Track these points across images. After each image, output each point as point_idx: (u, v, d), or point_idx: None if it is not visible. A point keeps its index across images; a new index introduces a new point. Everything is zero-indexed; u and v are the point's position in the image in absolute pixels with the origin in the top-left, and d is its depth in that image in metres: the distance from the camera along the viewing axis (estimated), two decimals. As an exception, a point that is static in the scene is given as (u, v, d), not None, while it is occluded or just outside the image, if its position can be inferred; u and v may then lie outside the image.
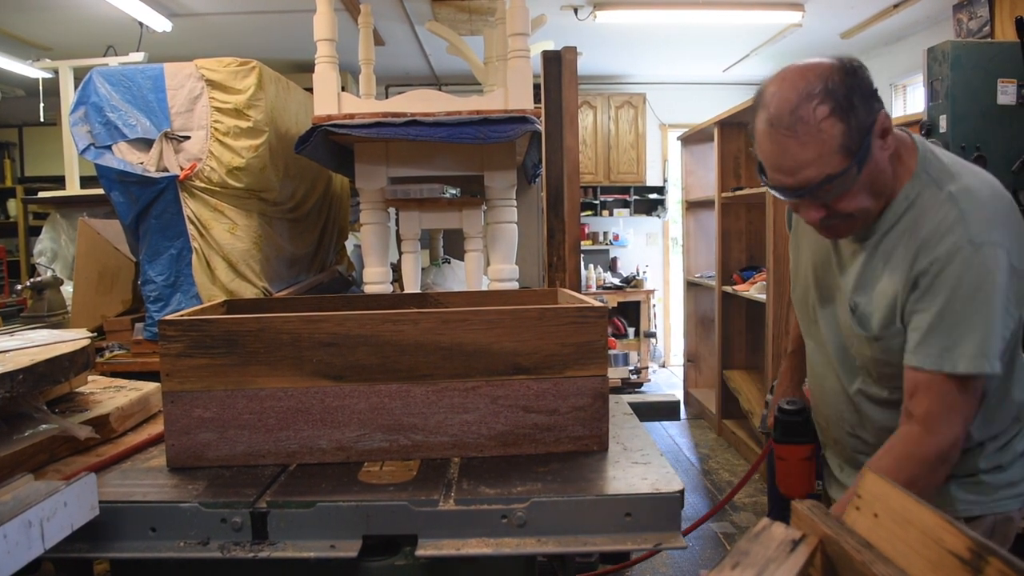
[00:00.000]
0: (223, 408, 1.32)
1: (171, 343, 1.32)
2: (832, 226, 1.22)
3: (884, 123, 1.15)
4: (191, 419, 1.32)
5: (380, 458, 1.34)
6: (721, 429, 4.73)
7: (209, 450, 1.33)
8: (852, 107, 1.11)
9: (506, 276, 2.60)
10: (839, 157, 1.12)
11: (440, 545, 1.13)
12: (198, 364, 1.32)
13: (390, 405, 1.34)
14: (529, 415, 1.36)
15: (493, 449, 1.36)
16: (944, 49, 2.62)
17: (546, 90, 1.95)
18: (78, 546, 1.12)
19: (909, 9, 4.71)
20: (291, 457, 1.34)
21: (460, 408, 1.35)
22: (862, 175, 1.14)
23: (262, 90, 2.46)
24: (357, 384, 1.33)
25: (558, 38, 4.68)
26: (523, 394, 1.35)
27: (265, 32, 5.16)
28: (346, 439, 1.34)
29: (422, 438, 1.35)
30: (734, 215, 4.77)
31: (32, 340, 1.52)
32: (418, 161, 2.56)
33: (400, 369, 1.34)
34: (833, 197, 1.16)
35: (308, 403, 1.33)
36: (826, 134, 1.11)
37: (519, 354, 1.34)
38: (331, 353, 1.32)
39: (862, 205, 1.17)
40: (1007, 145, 2.59)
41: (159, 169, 2.44)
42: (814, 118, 1.11)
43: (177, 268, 2.50)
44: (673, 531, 1.15)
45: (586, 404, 1.36)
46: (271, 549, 1.14)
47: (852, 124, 1.11)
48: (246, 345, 1.32)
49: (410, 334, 1.33)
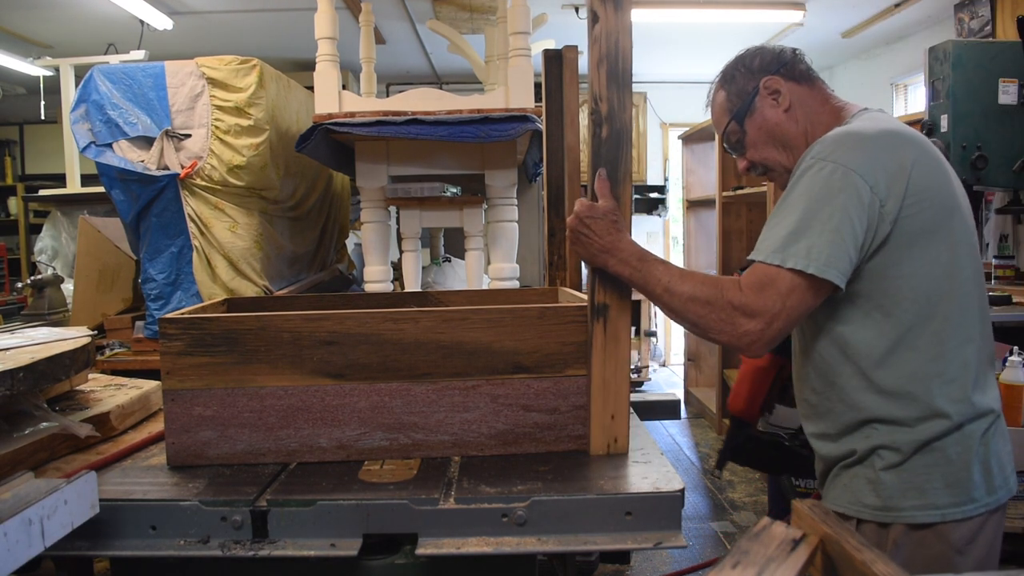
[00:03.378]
0: (223, 406, 1.32)
1: (171, 341, 1.32)
2: (764, 176, 1.44)
3: (770, 85, 1.35)
4: (191, 417, 1.32)
5: (380, 457, 1.34)
6: (721, 428, 4.73)
7: (209, 448, 1.33)
8: (733, 79, 1.39)
9: (507, 275, 2.60)
10: (725, 116, 1.41)
11: (440, 544, 1.13)
12: (198, 362, 1.32)
13: (391, 404, 1.34)
14: (530, 414, 1.36)
15: (493, 448, 1.36)
16: (945, 48, 2.62)
17: (547, 89, 1.94)
18: (78, 544, 1.12)
19: (910, 8, 4.71)
20: (291, 455, 1.34)
21: (461, 407, 1.35)
22: (751, 129, 1.37)
23: (263, 88, 2.45)
24: (358, 383, 1.33)
25: (559, 37, 4.68)
26: (523, 393, 1.35)
27: (266, 30, 5.16)
28: (346, 438, 1.34)
29: (423, 437, 1.35)
30: (735, 214, 4.76)
31: (33, 338, 1.52)
32: (419, 160, 2.56)
33: (401, 368, 1.34)
34: (742, 148, 1.41)
35: (309, 402, 1.33)
36: (716, 102, 1.44)
37: (520, 353, 1.34)
38: (332, 352, 1.32)
39: (766, 155, 1.38)
40: (1008, 145, 2.58)
41: (160, 167, 2.44)
42: (712, 92, 1.46)
43: (178, 266, 2.51)
44: (673, 530, 1.15)
45: (586, 403, 1.36)
46: (271, 548, 1.14)
47: (732, 91, 1.39)
48: (246, 343, 1.32)
49: (411, 333, 1.33)
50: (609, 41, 1.28)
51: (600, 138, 1.30)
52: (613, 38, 1.28)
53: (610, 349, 1.33)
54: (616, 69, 1.29)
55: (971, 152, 2.56)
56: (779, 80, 1.35)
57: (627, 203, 1.32)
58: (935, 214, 1.18)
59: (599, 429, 1.35)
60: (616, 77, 1.29)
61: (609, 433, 1.35)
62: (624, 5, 1.28)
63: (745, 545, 0.77)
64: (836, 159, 1.17)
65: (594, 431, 1.35)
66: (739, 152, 1.42)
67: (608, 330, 1.33)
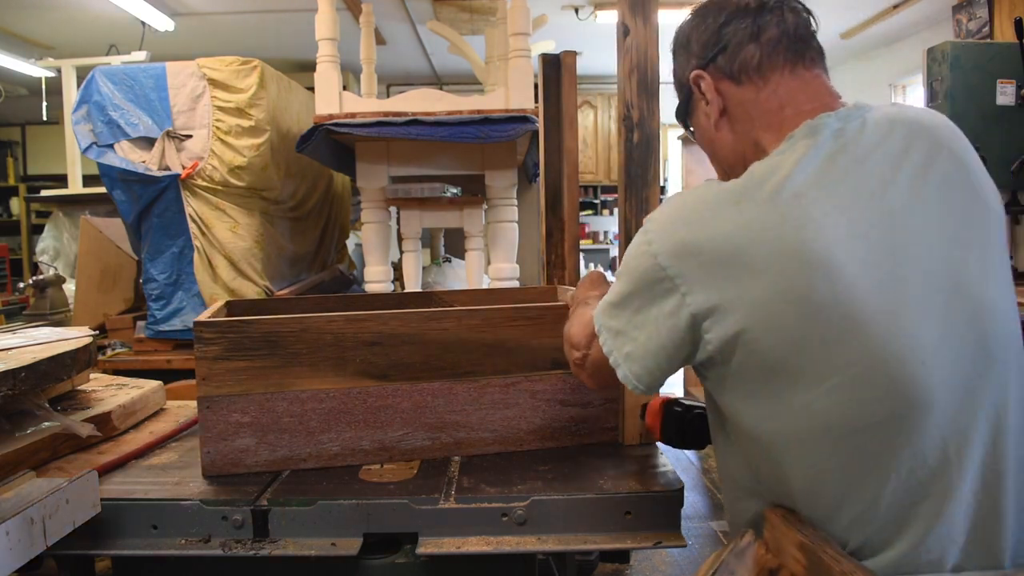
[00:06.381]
0: (262, 412, 1.28)
1: (208, 346, 1.26)
2: None
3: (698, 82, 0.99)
4: (228, 424, 1.28)
5: (422, 456, 1.34)
6: (721, 429, 4.73)
7: (248, 456, 1.29)
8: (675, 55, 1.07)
9: (507, 275, 2.61)
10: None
11: (440, 543, 1.14)
12: (236, 367, 1.27)
13: (433, 403, 1.33)
14: (566, 408, 1.38)
15: (532, 443, 1.37)
16: (944, 50, 2.62)
17: (545, 93, 1.95)
18: (80, 543, 1.12)
19: (909, 10, 4.71)
20: (333, 459, 1.31)
21: (501, 404, 1.36)
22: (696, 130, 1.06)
23: (264, 89, 2.46)
24: (401, 383, 1.32)
25: (559, 38, 4.69)
26: (560, 388, 1.37)
27: (267, 31, 5.17)
28: (389, 439, 1.33)
29: (464, 435, 1.35)
30: (735, 215, 4.76)
31: (34, 338, 1.53)
32: (419, 160, 2.56)
33: (443, 367, 1.33)
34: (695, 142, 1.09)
35: (351, 404, 1.31)
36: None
37: (558, 349, 1.34)
38: (375, 352, 1.31)
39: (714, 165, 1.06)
40: (1006, 145, 2.59)
41: (161, 168, 2.44)
42: None
43: (179, 266, 2.51)
44: (673, 529, 1.16)
45: (618, 396, 1.39)
46: (272, 547, 1.14)
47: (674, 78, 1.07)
48: (287, 346, 1.28)
49: (454, 331, 1.33)
50: (639, 52, 1.34)
51: (632, 143, 1.35)
52: (643, 50, 1.34)
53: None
54: (646, 78, 1.34)
55: (970, 153, 2.57)
56: (708, 78, 0.98)
57: (655, 205, 1.36)
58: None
59: (632, 421, 1.39)
60: (646, 86, 1.35)
61: (641, 424, 1.38)
62: (652, 18, 1.33)
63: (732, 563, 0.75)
64: (647, 228, 0.91)
65: (627, 423, 1.39)
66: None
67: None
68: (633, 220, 1.38)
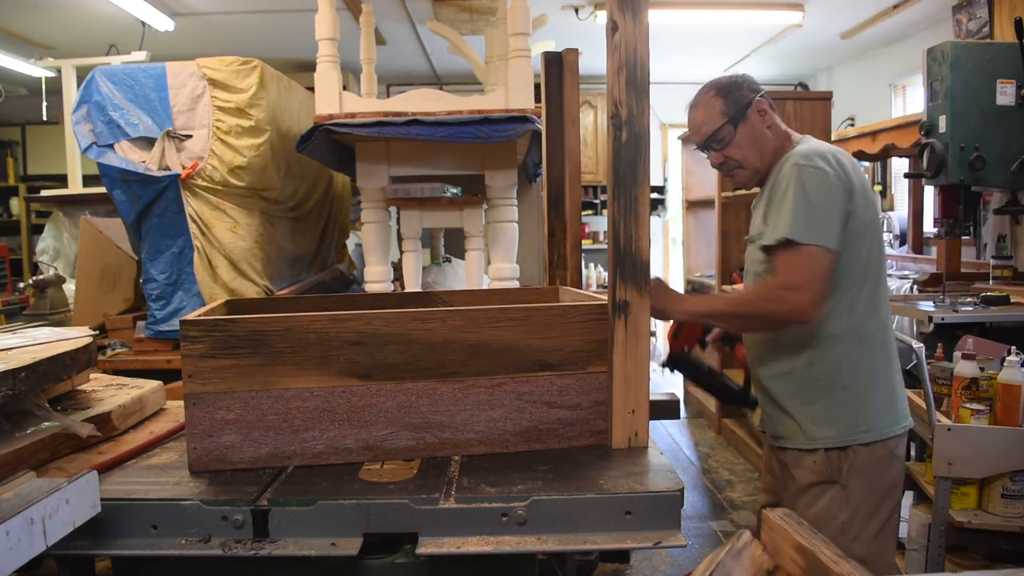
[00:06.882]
0: (247, 409, 1.30)
1: (193, 344, 1.28)
2: (730, 173, 1.72)
3: (760, 106, 1.66)
4: (214, 421, 1.29)
5: (407, 456, 1.34)
6: (720, 428, 4.74)
7: (233, 453, 1.30)
8: (730, 90, 1.67)
9: (507, 275, 2.61)
10: (721, 118, 1.65)
11: (440, 543, 1.14)
12: (222, 365, 1.29)
13: (417, 403, 1.34)
14: (553, 410, 1.37)
15: (518, 445, 1.37)
16: (943, 50, 2.62)
17: (547, 91, 1.95)
18: (80, 543, 1.13)
19: (909, 10, 4.71)
20: (317, 458, 1.32)
21: (487, 405, 1.36)
22: (740, 133, 1.65)
23: (264, 89, 2.46)
24: (385, 383, 1.33)
25: (559, 38, 4.68)
26: (547, 390, 1.37)
27: (267, 31, 5.16)
28: (373, 438, 1.33)
29: (449, 435, 1.35)
30: (734, 215, 4.77)
31: (34, 338, 1.53)
32: (419, 160, 2.56)
33: (428, 367, 1.34)
34: (723, 146, 1.67)
35: (335, 403, 1.32)
36: (710, 106, 1.67)
37: (545, 351, 1.35)
38: (359, 352, 1.31)
39: (746, 155, 1.66)
40: (1006, 145, 2.58)
41: (161, 168, 2.44)
42: (706, 97, 1.69)
43: (179, 266, 2.51)
44: (673, 529, 1.16)
45: (607, 398, 1.38)
46: (272, 547, 1.14)
47: (730, 99, 1.66)
48: (272, 345, 1.29)
49: (438, 332, 1.33)
50: (628, 49, 1.32)
51: (620, 141, 1.34)
52: (632, 46, 1.32)
53: (631, 345, 1.36)
54: (635, 76, 1.33)
55: (969, 153, 2.56)
56: (765, 103, 1.69)
57: (645, 204, 1.35)
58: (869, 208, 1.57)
59: (620, 423, 1.38)
60: (635, 83, 1.33)
61: (630, 427, 1.37)
62: (642, 15, 1.31)
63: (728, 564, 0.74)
64: (819, 165, 1.53)
65: (615, 426, 1.38)
66: (718, 149, 1.69)
67: (629, 326, 1.35)
68: (621, 220, 1.36)
